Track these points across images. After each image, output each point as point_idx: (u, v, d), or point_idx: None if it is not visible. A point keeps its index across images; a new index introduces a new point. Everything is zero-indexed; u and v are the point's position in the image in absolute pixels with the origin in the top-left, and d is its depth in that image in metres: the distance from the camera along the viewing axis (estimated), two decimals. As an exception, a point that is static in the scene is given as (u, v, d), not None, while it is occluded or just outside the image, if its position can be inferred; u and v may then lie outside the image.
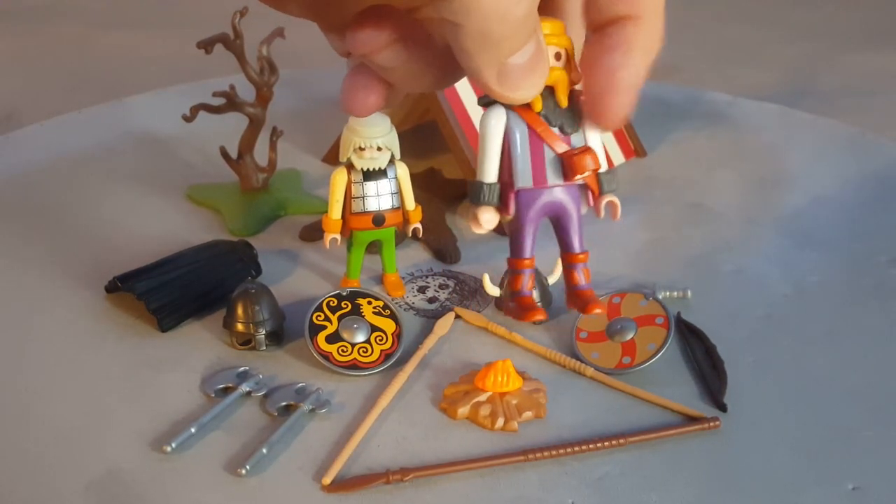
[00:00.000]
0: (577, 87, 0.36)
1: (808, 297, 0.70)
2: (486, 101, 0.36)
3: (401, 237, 0.72)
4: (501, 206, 0.37)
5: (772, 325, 0.67)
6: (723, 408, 0.59)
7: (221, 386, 0.60)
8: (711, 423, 0.57)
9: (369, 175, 0.65)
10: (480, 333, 0.66)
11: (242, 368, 0.61)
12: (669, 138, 0.94)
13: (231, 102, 0.77)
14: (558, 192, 0.36)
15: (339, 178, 0.65)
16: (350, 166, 0.65)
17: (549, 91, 0.35)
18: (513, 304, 0.38)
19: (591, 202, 0.38)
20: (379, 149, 0.64)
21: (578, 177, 0.36)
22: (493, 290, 0.63)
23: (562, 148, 0.36)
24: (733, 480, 0.54)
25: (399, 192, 0.66)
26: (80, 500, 0.52)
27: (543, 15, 0.33)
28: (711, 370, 0.61)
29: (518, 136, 0.35)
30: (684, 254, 0.76)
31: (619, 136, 0.88)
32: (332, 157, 0.88)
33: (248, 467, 0.53)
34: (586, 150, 0.36)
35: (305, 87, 1.03)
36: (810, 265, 0.74)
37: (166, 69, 1.40)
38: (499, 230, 0.36)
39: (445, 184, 0.83)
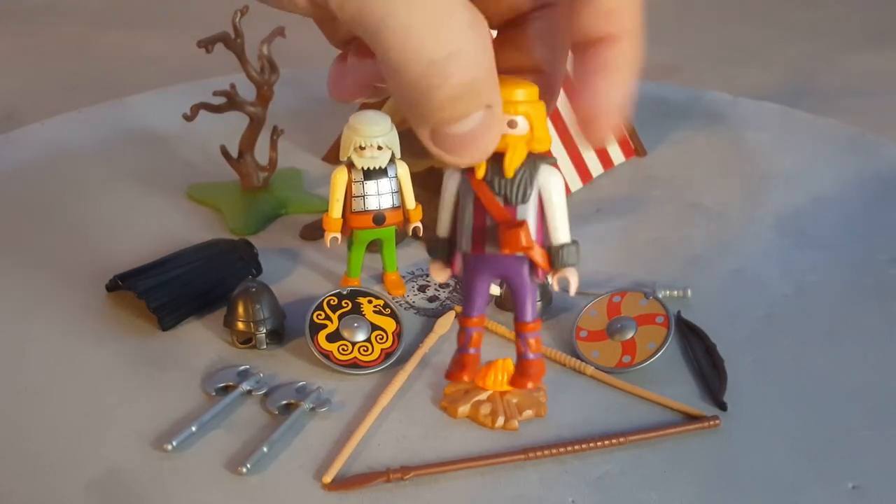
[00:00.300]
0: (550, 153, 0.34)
1: (808, 296, 0.70)
2: None
3: (401, 236, 0.72)
4: (449, 263, 0.36)
5: (772, 325, 0.67)
6: (723, 407, 0.59)
7: (222, 384, 0.60)
8: (711, 422, 0.57)
9: (370, 174, 0.65)
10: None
11: (243, 367, 0.62)
12: (669, 138, 0.94)
13: (231, 101, 0.77)
14: (504, 260, 0.34)
15: (340, 176, 0.65)
16: (350, 165, 0.65)
17: (498, 157, 0.32)
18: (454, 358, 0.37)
19: (542, 276, 0.35)
20: (379, 148, 0.64)
21: (509, 252, 0.34)
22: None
23: (499, 219, 0.33)
24: (733, 479, 0.54)
25: (399, 191, 0.66)
26: (80, 500, 0.52)
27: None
28: (711, 369, 0.62)
29: (465, 198, 0.34)
30: (684, 253, 0.76)
31: (619, 135, 0.88)
32: (332, 156, 0.88)
33: (248, 466, 0.53)
34: (520, 224, 0.33)
35: (306, 86, 1.03)
36: (810, 265, 0.74)
37: (166, 68, 1.40)
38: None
39: (446, 183, 0.83)
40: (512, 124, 0.32)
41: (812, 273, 0.73)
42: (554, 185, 0.35)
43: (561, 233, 0.35)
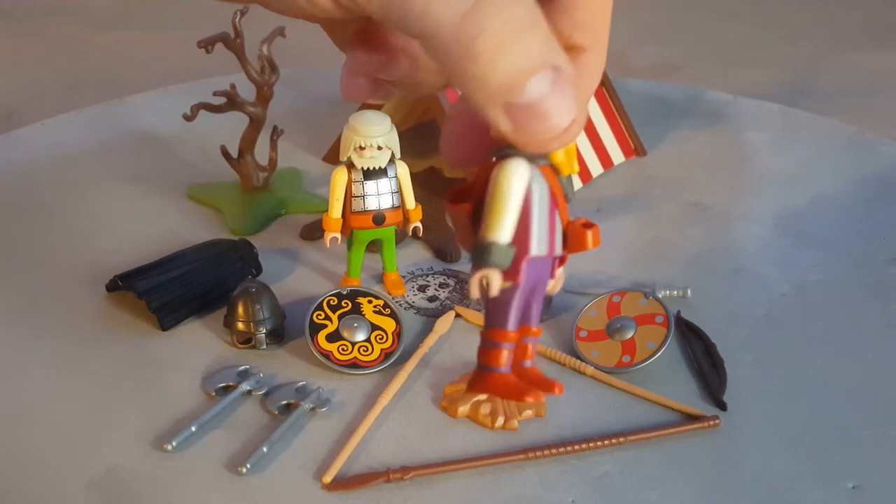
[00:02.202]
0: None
1: (807, 296, 0.70)
2: (501, 154, 0.31)
3: (401, 236, 0.72)
4: (511, 272, 0.32)
5: (771, 324, 0.67)
6: (722, 406, 0.59)
7: (222, 384, 0.60)
8: (711, 422, 0.57)
9: (369, 174, 0.65)
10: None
11: (243, 367, 0.62)
12: (669, 137, 0.94)
13: (232, 101, 0.77)
14: (546, 263, 0.32)
15: (340, 177, 0.65)
16: (350, 165, 0.65)
17: None
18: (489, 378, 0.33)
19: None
20: (379, 148, 0.64)
21: (575, 251, 0.32)
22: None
23: (567, 218, 0.32)
24: (733, 479, 0.54)
25: (399, 191, 0.66)
26: (80, 499, 0.52)
27: None
28: (711, 369, 0.62)
29: (540, 197, 0.31)
30: (684, 253, 0.76)
31: (619, 134, 0.88)
32: (332, 157, 0.88)
33: (248, 466, 0.54)
34: (592, 224, 0.32)
35: (306, 86, 1.03)
36: (810, 264, 0.74)
37: (167, 68, 1.40)
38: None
39: (446, 183, 0.83)
40: None
41: (811, 273, 0.73)
42: None
43: None
